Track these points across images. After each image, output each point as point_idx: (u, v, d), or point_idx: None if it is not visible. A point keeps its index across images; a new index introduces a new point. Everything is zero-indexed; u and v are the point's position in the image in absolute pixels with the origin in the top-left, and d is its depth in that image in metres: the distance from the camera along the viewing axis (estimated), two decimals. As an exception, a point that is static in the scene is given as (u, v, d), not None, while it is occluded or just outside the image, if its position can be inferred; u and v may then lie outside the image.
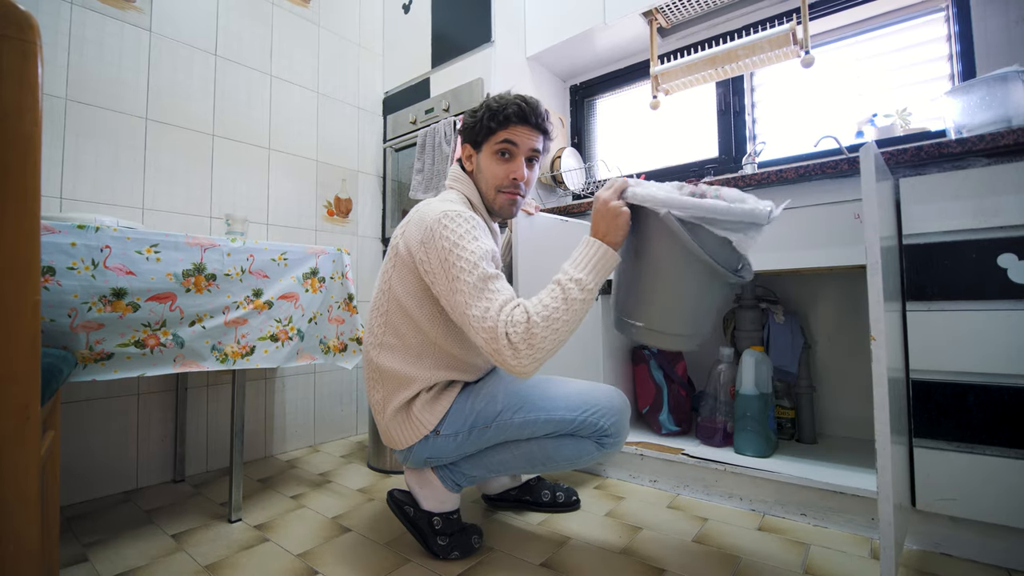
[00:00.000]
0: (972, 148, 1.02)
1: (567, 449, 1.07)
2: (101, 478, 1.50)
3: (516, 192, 1.11)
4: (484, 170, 1.11)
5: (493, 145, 1.09)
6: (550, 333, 0.85)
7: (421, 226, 0.99)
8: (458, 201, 1.08)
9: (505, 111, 1.07)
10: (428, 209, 1.02)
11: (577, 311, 0.87)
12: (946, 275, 1.03)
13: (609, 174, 2.14)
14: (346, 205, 2.24)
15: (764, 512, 1.30)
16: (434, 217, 0.98)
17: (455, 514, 1.13)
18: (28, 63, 0.52)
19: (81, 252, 1.03)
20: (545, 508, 1.33)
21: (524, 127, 1.08)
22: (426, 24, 2.20)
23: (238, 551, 1.14)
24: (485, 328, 0.87)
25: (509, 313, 0.87)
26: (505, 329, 0.85)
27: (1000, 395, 0.97)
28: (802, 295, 1.66)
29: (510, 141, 1.07)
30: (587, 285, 0.88)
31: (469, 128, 1.13)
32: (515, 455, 1.09)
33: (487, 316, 0.87)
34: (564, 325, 0.86)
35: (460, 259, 0.92)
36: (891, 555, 0.81)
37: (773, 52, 1.63)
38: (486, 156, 1.10)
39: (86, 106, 1.51)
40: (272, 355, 1.31)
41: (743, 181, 1.30)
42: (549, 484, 1.35)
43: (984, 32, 1.43)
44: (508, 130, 1.07)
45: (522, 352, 0.85)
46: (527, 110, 1.07)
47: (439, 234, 0.95)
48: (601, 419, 1.06)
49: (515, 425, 1.05)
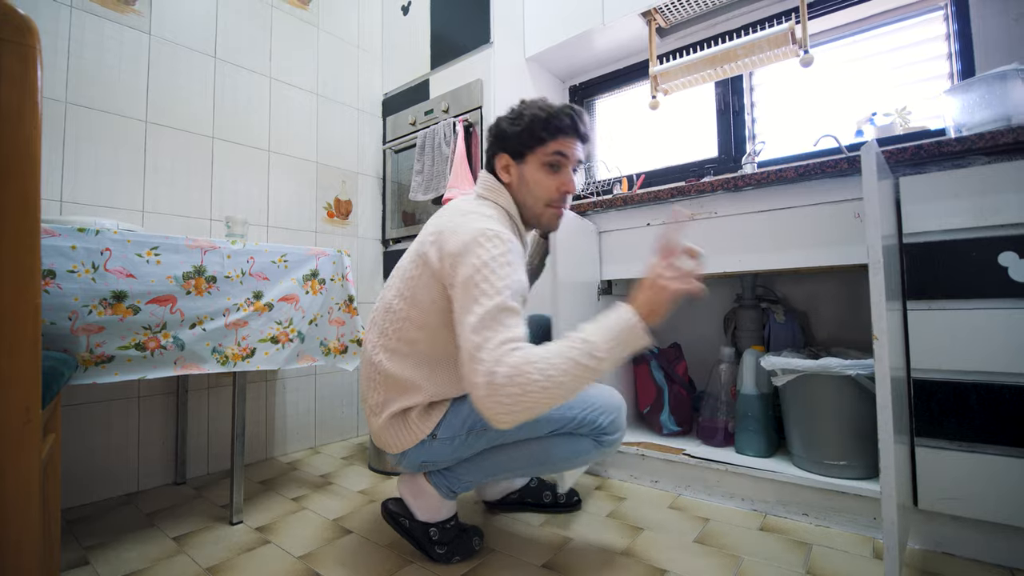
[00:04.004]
0: (972, 146, 1.02)
1: (565, 448, 1.06)
2: (102, 481, 1.50)
3: (562, 206, 1.08)
4: (531, 183, 1.05)
5: (543, 156, 1.04)
6: (535, 391, 0.77)
7: (457, 240, 0.93)
8: (496, 217, 1.01)
9: (558, 121, 1.02)
10: (465, 222, 0.96)
11: (576, 384, 0.79)
12: (947, 274, 1.03)
13: (609, 174, 2.14)
14: (346, 207, 2.24)
15: (766, 512, 1.30)
16: (472, 234, 0.92)
17: (452, 521, 1.11)
18: (28, 67, 0.52)
19: (81, 255, 1.03)
20: (546, 509, 1.33)
21: (574, 138, 1.05)
22: (425, 26, 2.20)
23: (239, 553, 1.14)
24: (476, 357, 0.80)
25: (507, 350, 0.79)
26: (493, 365, 0.78)
27: (1002, 394, 0.97)
28: (802, 294, 1.66)
29: (562, 153, 1.03)
30: (602, 362, 0.80)
31: (511, 137, 1.05)
32: (512, 456, 1.08)
33: (484, 346, 0.80)
34: (556, 390, 0.78)
35: (486, 281, 0.86)
36: (895, 555, 0.80)
37: (772, 52, 1.63)
38: (533, 168, 1.05)
39: (86, 109, 1.51)
40: (273, 357, 1.31)
41: (743, 181, 1.30)
42: (549, 485, 1.34)
43: (983, 30, 1.43)
44: (559, 141, 1.03)
45: (497, 396, 0.77)
46: (579, 121, 1.04)
47: (474, 252, 0.90)
48: (599, 416, 1.05)
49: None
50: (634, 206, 1.52)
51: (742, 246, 1.33)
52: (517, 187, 1.07)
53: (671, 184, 1.63)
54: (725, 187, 1.34)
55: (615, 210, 1.57)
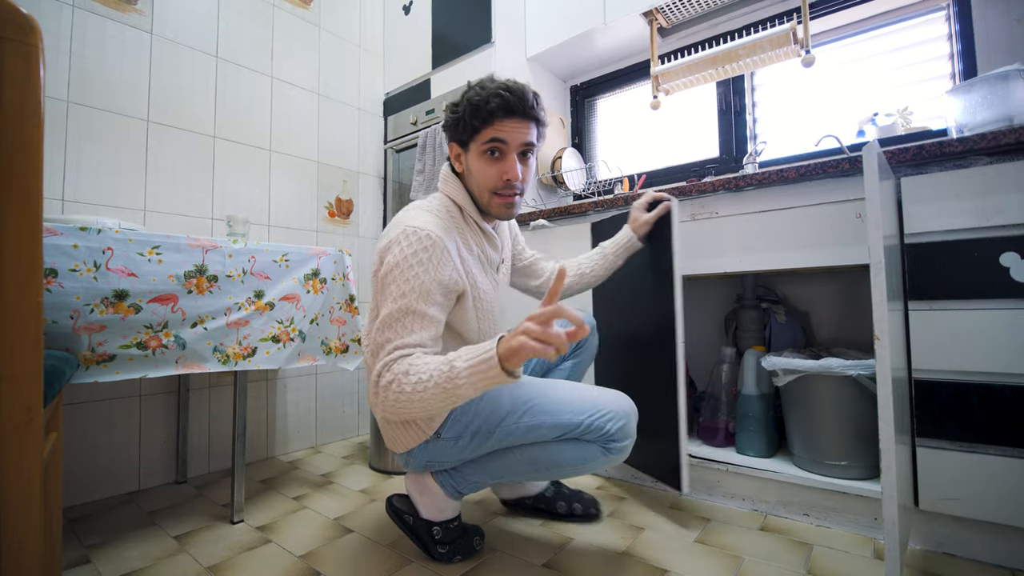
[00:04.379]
0: (974, 147, 1.02)
1: (571, 454, 1.03)
2: (103, 480, 1.50)
3: (512, 193, 1.02)
4: (475, 172, 1.02)
5: (480, 145, 1.00)
6: (405, 401, 0.84)
7: (385, 238, 0.98)
8: (436, 211, 1.02)
9: (488, 105, 0.96)
10: (399, 219, 1.00)
11: (439, 402, 0.83)
12: (948, 274, 1.03)
13: (610, 174, 2.14)
14: (347, 206, 2.24)
15: (767, 512, 1.30)
16: (396, 232, 0.95)
17: (455, 521, 1.11)
18: (30, 66, 0.53)
19: (83, 254, 1.03)
20: (560, 519, 1.28)
21: (512, 120, 0.98)
22: (426, 25, 2.20)
23: (240, 552, 1.14)
24: (377, 355, 0.89)
25: (396, 357, 0.87)
26: (382, 369, 0.87)
27: (1003, 395, 0.97)
28: (803, 295, 1.66)
29: (498, 139, 0.98)
30: (460, 388, 0.81)
31: (452, 126, 1.03)
32: (518, 460, 1.06)
33: (384, 347, 0.89)
34: (423, 403, 0.83)
35: (395, 282, 0.91)
36: (896, 555, 0.80)
37: (774, 52, 1.63)
38: (474, 157, 1.01)
39: (88, 108, 1.52)
40: (274, 356, 1.31)
41: (744, 181, 1.30)
42: (565, 495, 1.29)
43: (985, 31, 1.43)
44: (494, 126, 0.97)
45: (380, 396, 0.87)
46: (512, 100, 0.96)
47: (391, 250, 0.94)
48: (608, 423, 1.00)
49: (520, 429, 1.01)
50: (635, 206, 1.52)
51: (743, 246, 1.33)
52: (467, 177, 1.05)
53: (672, 184, 1.63)
54: (726, 187, 1.34)
55: (616, 210, 1.57)
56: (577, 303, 1.59)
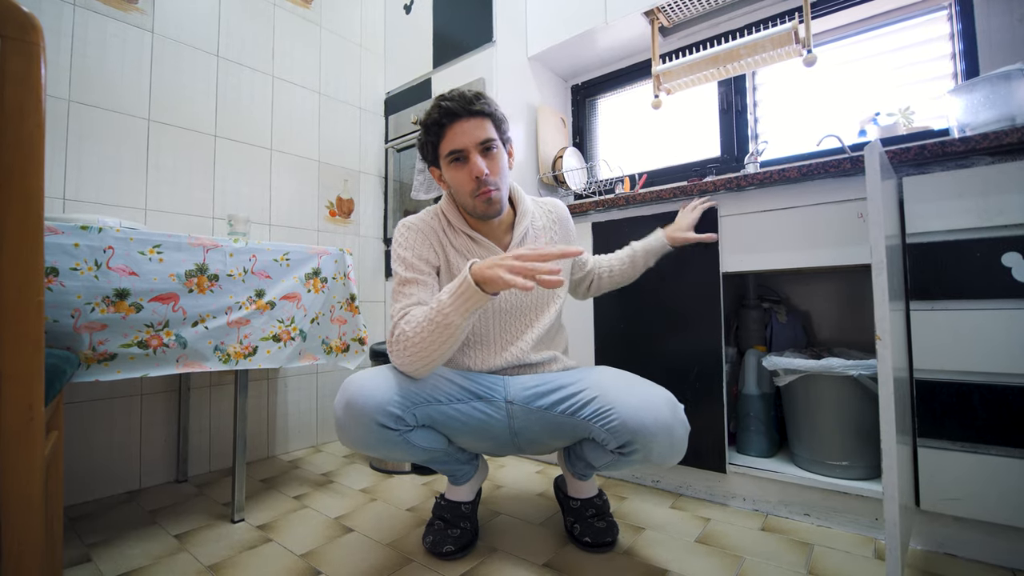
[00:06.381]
0: (975, 147, 1.01)
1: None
2: (104, 478, 1.50)
3: (487, 189, 1.05)
4: (452, 183, 1.08)
5: (445, 160, 1.06)
6: (410, 344, 0.96)
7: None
8: (422, 216, 1.15)
9: (433, 117, 1.04)
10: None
11: (437, 335, 0.94)
12: (950, 274, 1.03)
13: (611, 174, 2.14)
14: (348, 205, 2.24)
15: (767, 512, 1.29)
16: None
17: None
18: (31, 64, 0.53)
19: (84, 253, 1.03)
20: (572, 540, 1.17)
21: (460, 122, 1.03)
22: (427, 24, 2.20)
23: (241, 551, 1.14)
24: (392, 322, 1.02)
25: (401, 315, 1.00)
26: (392, 329, 1.00)
27: (1004, 395, 0.97)
28: (805, 294, 1.65)
29: (455, 150, 1.04)
30: (448, 315, 0.92)
31: (421, 152, 1.12)
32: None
33: (394, 314, 1.02)
34: (424, 343, 0.95)
35: (392, 264, 1.10)
36: (896, 556, 0.80)
37: (775, 51, 1.63)
38: (446, 171, 1.08)
39: (89, 107, 1.52)
40: (275, 355, 1.31)
41: (745, 180, 1.30)
42: (584, 517, 1.16)
43: (987, 30, 1.42)
44: (446, 138, 1.04)
45: (394, 350, 0.99)
46: (452, 105, 1.02)
47: (392, 247, 1.14)
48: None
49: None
50: (636, 205, 1.52)
51: (744, 246, 1.33)
52: (453, 191, 1.12)
53: (674, 184, 1.63)
54: (728, 187, 1.34)
55: (617, 209, 1.57)
56: (576, 303, 1.59)
